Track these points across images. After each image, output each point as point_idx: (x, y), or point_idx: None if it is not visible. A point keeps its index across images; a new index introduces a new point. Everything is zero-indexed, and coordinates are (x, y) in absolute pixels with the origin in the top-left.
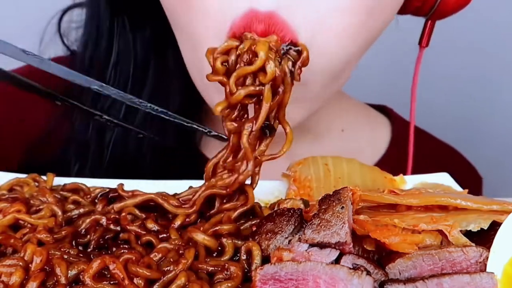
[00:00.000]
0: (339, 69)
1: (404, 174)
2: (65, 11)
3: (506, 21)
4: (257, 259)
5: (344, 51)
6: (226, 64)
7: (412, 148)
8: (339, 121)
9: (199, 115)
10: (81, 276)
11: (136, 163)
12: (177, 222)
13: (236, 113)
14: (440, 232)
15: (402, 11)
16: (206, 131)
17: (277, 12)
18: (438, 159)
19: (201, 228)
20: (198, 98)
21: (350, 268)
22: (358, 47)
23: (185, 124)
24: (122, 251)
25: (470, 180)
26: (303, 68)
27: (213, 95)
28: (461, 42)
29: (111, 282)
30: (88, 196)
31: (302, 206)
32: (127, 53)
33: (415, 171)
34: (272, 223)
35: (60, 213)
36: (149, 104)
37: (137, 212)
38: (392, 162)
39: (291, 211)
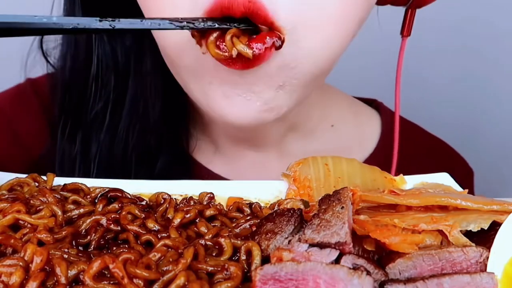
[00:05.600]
0: (329, 60)
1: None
2: None
3: (504, 24)
4: (257, 259)
5: (338, 37)
6: None
7: (398, 140)
8: (328, 116)
9: (184, 120)
10: (81, 276)
11: (121, 172)
12: (176, 220)
13: None
14: (440, 232)
15: (383, 1)
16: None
17: None
18: (428, 152)
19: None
20: (180, 102)
21: (350, 268)
22: (351, 32)
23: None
24: (122, 250)
25: (461, 173)
26: (292, 52)
27: (191, 83)
28: (459, 44)
29: (111, 282)
30: (88, 196)
31: (302, 206)
32: (108, 63)
33: (403, 165)
34: (272, 223)
35: (60, 213)
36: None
37: (137, 211)
38: (383, 156)
39: (291, 211)
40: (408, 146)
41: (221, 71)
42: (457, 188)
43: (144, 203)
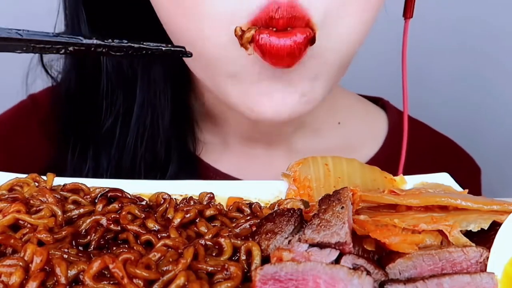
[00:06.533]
0: (358, 43)
1: (399, 164)
2: None
3: (507, 23)
4: (257, 259)
5: (362, 24)
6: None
7: (406, 134)
8: (335, 114)
9: (192, 126)
10: (81, 276)
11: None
12: (176, 220)
13: None
14: (440, 232)
15: None
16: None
17: (298, 2)
18: (436, 150)
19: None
20: (188, 108)
21: (350, 268)
22: (372, 18)
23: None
24: (122, 250)
25: (468, 171)
26: (323, 41)
27: (228, 86)
28: (460, 44)
29: (111, 282)
30: (88, 196)
31: (302, 206)
32: (116, 77)
33: (410, 163)
34: (272, 223)
35: (60, 213)
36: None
37: (136, 211)
38: (389, 154)
39: (291, 211)
40: (415, 144)
41: (264, 70)
42: (457, 188)
43: (144, 203)
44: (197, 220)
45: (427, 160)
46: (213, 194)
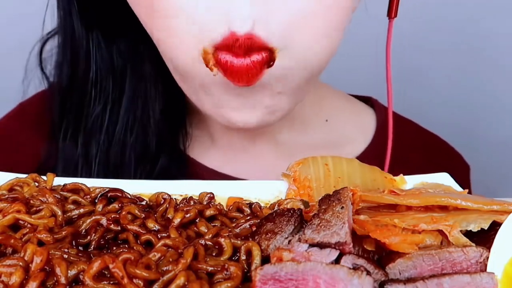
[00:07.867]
0: (319, 65)
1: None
2: (44, 42)
3: (503, 24)
4: (257, 259)
5: (322, 48)
6: None
7: (392, 130)
8: (323, 111)
9: (183, 119)
10: (81, 276)
11: (121, 172)
12: (176, 220)
13: None
14: (440, 232)
15: None
16: None
17: (255, 32)
18: (424, 148)
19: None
20: (180, 102)
21: (350, 268)
22: (339, 37)
23: None
24: (122, 250)
25: (457, 168)
26: (285, 64)
27: (202, 97)
28: (457, 44)
29: (111, 282)
30: (88, 196)
31: (302, 206)
32: (106, 68)
33: (398, 160)
34: (272, 223)
35: (60, 213)
36: None
37: (136, 211)
38: (377, 152)
39: (291, 211)
40: (403, 141)
41: (228, 88)
42: (457, 188)
43: (144, 203)
44: (197, 220)
45: (415, 158)
46: (213, 194)
